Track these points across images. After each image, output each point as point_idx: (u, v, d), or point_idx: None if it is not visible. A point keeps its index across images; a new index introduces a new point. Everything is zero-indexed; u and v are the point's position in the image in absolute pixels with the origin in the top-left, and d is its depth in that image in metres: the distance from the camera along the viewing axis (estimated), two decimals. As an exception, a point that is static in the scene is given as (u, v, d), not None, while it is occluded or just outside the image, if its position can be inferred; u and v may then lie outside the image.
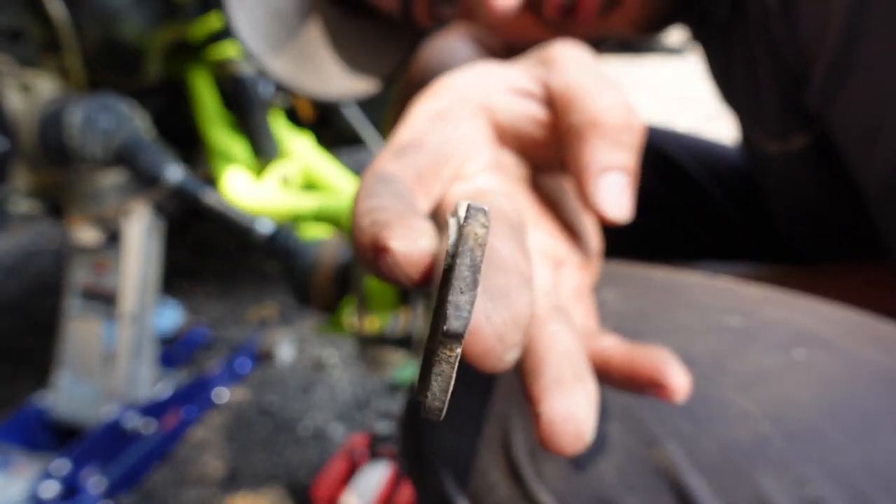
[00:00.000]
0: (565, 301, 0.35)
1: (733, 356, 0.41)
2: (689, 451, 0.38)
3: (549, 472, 0.40)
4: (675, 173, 0.86)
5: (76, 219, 1.08)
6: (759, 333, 0.42)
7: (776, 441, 0.37)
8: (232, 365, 1.48)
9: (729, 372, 0.40)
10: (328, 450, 1.34)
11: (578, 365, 0.28)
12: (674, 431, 0.38)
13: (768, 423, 0.38)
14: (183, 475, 1.27)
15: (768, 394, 0.39)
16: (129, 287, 1.19)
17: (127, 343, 1.21)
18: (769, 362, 0.40)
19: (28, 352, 1.75)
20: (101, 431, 1.15)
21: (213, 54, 1.14)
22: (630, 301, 0.45)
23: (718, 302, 0.45)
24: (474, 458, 0.44)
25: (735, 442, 0.38)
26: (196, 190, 0.98)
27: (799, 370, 0.40)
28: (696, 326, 0.42)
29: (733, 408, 0.38)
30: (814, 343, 0.41)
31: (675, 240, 0.83)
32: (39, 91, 1.03)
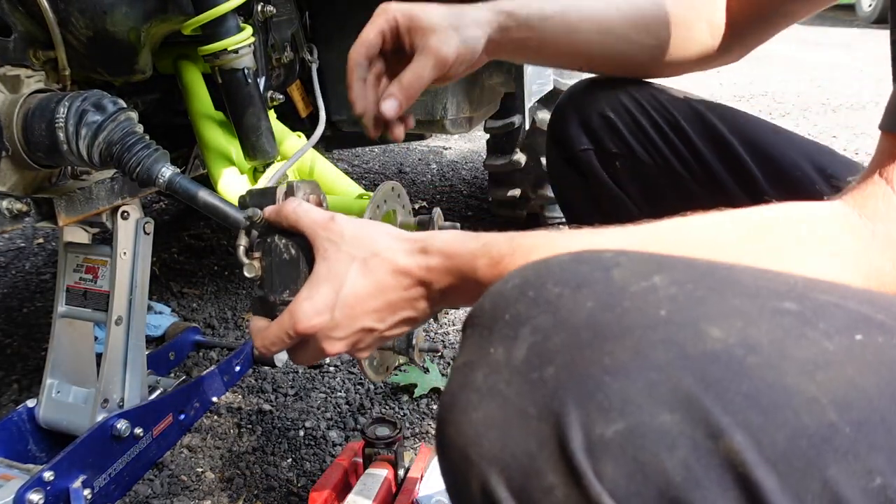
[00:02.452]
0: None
1: (795, 340, 0.39)
2: (757, 443, 0.36)
3: (610, 472, 0.38)
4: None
5: (66, 219, 1.06)
6: (817, 318, 0.41)
7: (844, 429, 0.36)
8: (226, 369, 1.45)
9: (792, 357, 0.39)
10: (325, 456, 1.31)
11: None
12: (741, 422, 0.37)
13: (835, 411, 0.37)
14: (175, 483, 1.24)
15: (833, 379, 0.38)
16: (120, 289, 1.16)
17: (117, 346, 1.18)
18: (831, 346, 0.39)
19: (16, 355, 1.72)
20: (91, 438, 1.12)
21: (207, 48, 1.11)
22: (681, 287, 0.43)
23: (770, 286, 0.43)
24: (527, 458, 0.41)
25: (803, 431, 0.36)
26: (189, 189, 0.95)
27: (861, 355, 0.39)
28: (753, 311, 0.41)
29: (800, 395, 0.37)
30: (872, 328, 0.40)
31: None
32: (25, 87, 1.00)
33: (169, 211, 2.75)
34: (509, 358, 0.43)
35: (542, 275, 0.46)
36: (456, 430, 0.44)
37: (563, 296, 0.44)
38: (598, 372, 0.40)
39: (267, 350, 0.70)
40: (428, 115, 1.65)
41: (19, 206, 1.01)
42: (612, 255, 0.47)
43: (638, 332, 0.41)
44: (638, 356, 0.40)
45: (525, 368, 0.42)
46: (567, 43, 0.93)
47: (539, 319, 0.44)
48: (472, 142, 3.69)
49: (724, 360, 0.39)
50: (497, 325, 0.45)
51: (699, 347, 0.39)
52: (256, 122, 1.18)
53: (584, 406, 0.39)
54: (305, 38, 1.55)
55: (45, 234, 2.57)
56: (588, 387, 0.40)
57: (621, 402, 0.39)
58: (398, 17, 0.83)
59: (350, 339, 0.67)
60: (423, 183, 3.08)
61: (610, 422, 0.38)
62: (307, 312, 0.65)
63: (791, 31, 1.13)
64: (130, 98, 1.31)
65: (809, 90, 4.94)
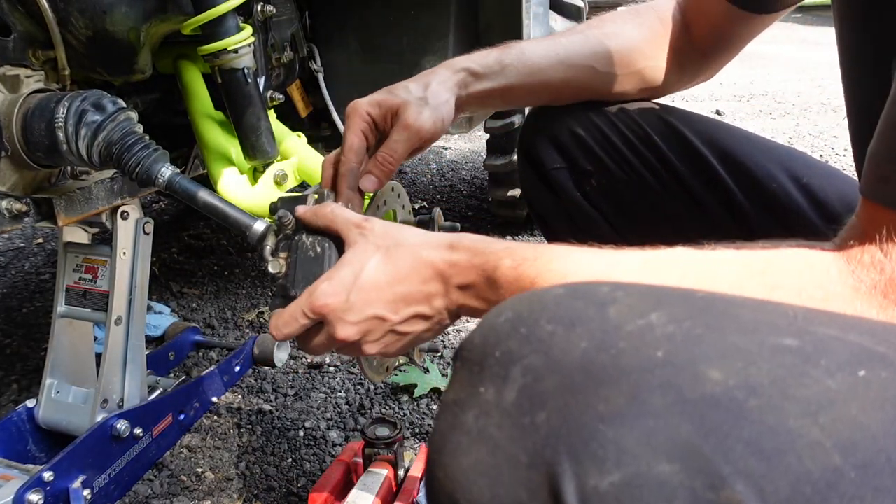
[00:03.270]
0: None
1: (796, 379, 0.38)
2: (759, 491, 0.35)
3: None
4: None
5: (66, 219, 1.05)
6: (818, 354, 0.39)
7: (849, 474, 0.35)
8: (226, 369, 1.45)
9: (794, 398, 0.37)
10: (325, 457, 1.31)
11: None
12: (743, 470, 0.35)
13: (839, 454, 0.35)
14: (175, 483, 1.24)
15: (837, 420, 0.36)
16: (119, 289, 1.16)
17: (117, 346, 1.17)
18: (833, 385, 0.38)
19: (16, 355, 1.72)
20: (90, 438, 1.11)
21: (207, 47, 1.11)
22: (678, 324, 0.41)
23: (769, 321, 0.42)
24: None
25: (807, 477, 0.35)
26: (189, 189, 0.95)
27: (865, 391, 0.37)
28: (753, 349, 0.40)
29: (802, 438, 0.36)
30: (874, 362, 0.39)
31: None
32: (25, 87, 1.00)
33: (169, 211, 2.75)
34: (500, 399, 0.42)
35: (535, 310, 0.45)
36: (445, 474, 0.43)
37: (556, 334, 0.42)
38: (592, 419, 0.38)
39: (279, 332, 0.71)
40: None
41: (19, 205, 1.01)
42: (609, 289, 0.45)
43: (634, 376, 0.39)
44: (634, 402, 0.38)
45: (516, 412, 0.41)
46: (532, 83, 0.95)
47: (531, 359, 0.42)
48: (472, 142, 3.69)
49: (724, 405, 0.37)
50: (487, 362, 0.44)
51: (698, 391, 0.38)
52: (256, 122, 1.18)
53: (578, 456, 0.38)
54: (305, 38, 1.55)
55: (44, 234, 2.57)
56: (582, 435, 0.38)
57: (617, 451, 0.37)
58: (369, 110, 0.86)
59: (361, 326, 0.67)
60: (423, 183, 3.08)
61: (605, 473, 0.37)
62: (324, 290, 0.67)
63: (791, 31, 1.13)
64: (130, 98, 1.31)
65: (809, 90, 4.94)
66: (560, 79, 0.97)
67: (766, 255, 0.54)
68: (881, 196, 0.52)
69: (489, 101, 0.97)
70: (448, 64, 0.93)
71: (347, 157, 0.85)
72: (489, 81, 0.93)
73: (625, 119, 0.99)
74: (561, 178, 1.03)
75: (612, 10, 1.07)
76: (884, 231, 0.50)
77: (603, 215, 1.03)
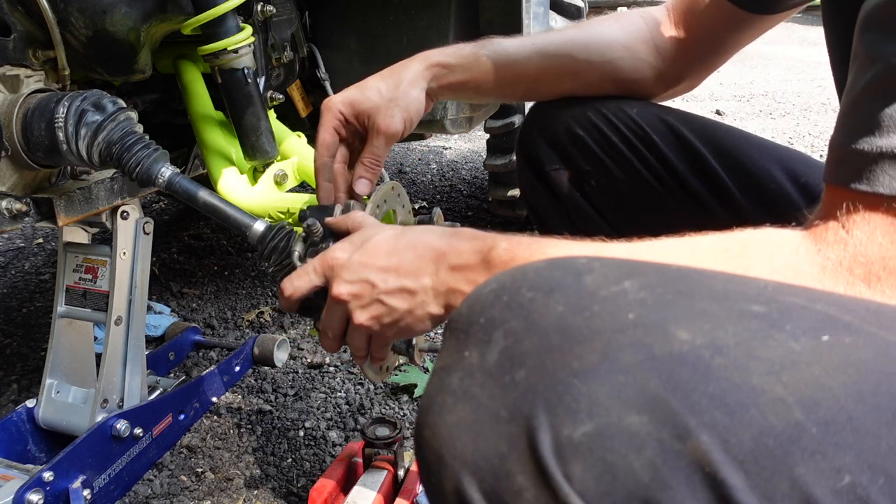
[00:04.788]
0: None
1: (761, 342, 0.40)
2: (724, 442, 0.37)
3: (579, 473, 0.38)
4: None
5: (66, 219, 1.05)
6: (784, 319, 0.41)
7: (810, 429, 0.37)
8: (225, 369, 1.45)
9: (758, 358, 0.39)
10: (325, 456, 1.31)
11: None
12: (708, 422, 0.37)
13: (801, 410, 0.37)
14: (175, 483, 1.24)
15: (799, 379, 0.38)
16: (119, 289, 1.15)
17: (117, 346, 1.17)
18: (797, 347, 0.40)
19: (16, 355, 1.72)
20: (90, 438, 1.11)
21: (207, 47, 1.11)
22: (650, 290, 0.44)
23: (738, 289, 0.44)
24: (498, 460, 0.41)
25: (770, 430, 0.37)
26: (189, 189, 0.95)
27: (827, 355, 0.39)
28: (721, 314, 0.42)
29: (766, 394, 0.38)
30: (839, 328, 0.41)
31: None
32: (25, 87, 1.00)
33: (168, 211, 2.75)
34: (482, 361, 0.45)
35: (517, 280, 0.47)
36: (431, 432, 0.45)
37: (535, 300, 0.45)
38: (566, 375, 0.41)
39: (291, 285, 0.77)
40: (427, 114, 1.64)
41: (19, 205, 1.01)
42: (587, 261, 0.48)
43: (606, 335, 0.41)
44: (606, 359, 0.40)
45: (497, 371, 0.43)
46: (506, 74, 0.98)
47: (511, 323, 0.45)
48: (472, 142, 3.69)
49: (690, 362, 0.39)
50: (472, 329, 0.47)
51: (666, 349, 0.40)
52: (256, 122, 1.18)
53: (553, 408, 0.40)
54: (305, 38, 1.55)
55: (44, 234, 2.57)
56: (557, 389, 0.41)
57: (589, 404, 0.39)
58: (341, 108, 0.92)
59: (353, 287, 0.72)
60: (423, 183, 3.08)
61: (578, 424, 0.39)
62: (334, 248, 0.75)
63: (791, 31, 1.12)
64: (130, 98, 1.31)
65: (809, 90, 4.94)
66: (535, 67, 0.98)
67: (740, 238, 0.56)
68: (838, 177, 0.54)
69: (462, 92, 1.00)
70: (422, 56, 0.96)
71: (320, 152, 0.92)
72: (462, 73, 0.96)
73: (624, 119, 0.99)
74: (559, 178, 1.04)
75: (612, 10, 1.07)
76: (843, 208, 0.52)
77: (602, 215, 1.03)
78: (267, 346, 1.48)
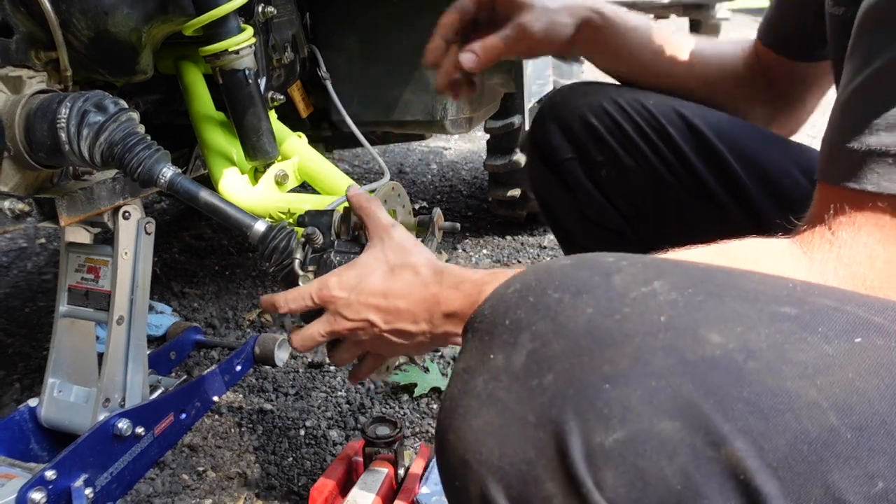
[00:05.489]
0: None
1: (794, 345, 0.39)
2: (758, 449, 0.36)
3: (610, 481, 0.38)
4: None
5: (68, 219, 1.06)
6: (816, 322, 0.40)
7: (845, 433, 0.36)
8: (227, 368, 1.45)
9: (792, 361, 0.38)
10: (326, 455, 1.31)
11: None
12: (742, 428, 0.37)
13: (835, 415, 0.36)
14: (176, 482, 1.24)
15: (833, 383, 0.37)
16: (121, 288, 1.16)
17: (119, 346, 1.18)
18: (830, 350, 0.39)
19: (18, 355, 1.72)
20: (92, 437, 1.12)
21: (208, 48, 1.11)
22: (681, 291, 0.43)
23: (769, 291, 0.43)
24: (525, 466, 0.40)
25: (804, 435, 0.36)
26: (190, 189, 0.96)
27: (861, 357, 0.39)
28: (752, 316, 0.41)
29: (800, 399, 0.37)
30: (871, 330, 0.40)
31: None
32: (27, 88, 1.01)
33: (170, 211, 2.76)
34: (509, 364, 0.43)
35: (542, 280, 0.46)
36: (456, 436, 0.44)
37: (562, 301, 0.44)
38: (597, 379, 0.40)
39: (286, 303, 0.79)
40: (428, 115, 1.65)
41: (21, 206, 1.01)
42: (614, 259, 0.46)
43: (637, 339, 0.40)
44: (638, 363, 0.39)
45: (524, 375, 0.42)
46: (640, 47, 0.98)
47: (539, 325, 0.43)
48: (472, 142, 3.69)
49: (723, 366, 0.38)
50: (497, 331, 0.45)
51: (699, 353, 0.39)
52: (257, 123, 1.19)
53: (584, 414, 0.39)
54: (306, 39, 1.55)
55: (46, 234, 2.58)
56: (587, 394, 0.40)
57: (621, 409, 0.38)
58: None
59: (353, 324, 0.74)
60: (423, 183, 3.08)
61: (609, 430, 0.38)
62: (332, 283, 0.75)
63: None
64: (132, 98, 1.32)
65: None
66: (662, 48, 0.99)
67: (726, 249, 0.56)
68: (828, 175, 0.54)
69: (603, 49, 0.98)
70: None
71: (451, 11, 0.90)
72: (610, 30, 0.95)
73: (639, 109, 0.98)
74: (572, 168, 1.03)
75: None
76: (831, 209, 0.52)
77: (615, 206, 1.02)
78: (268, 346, 1.49)
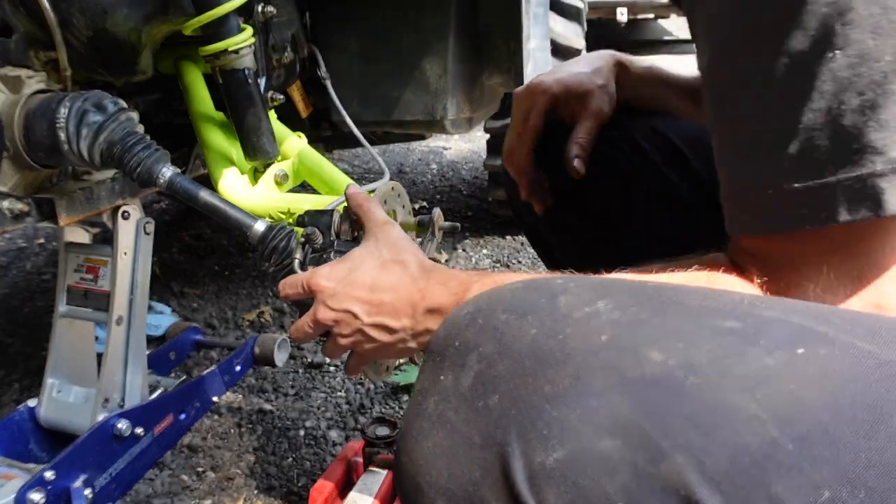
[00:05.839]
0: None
1: (735, 359, 0.40)
2: (699, 463, 0.36)
3: (552, 499, 0.38)
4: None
5: (67, 219, 1.06)
6: (759, 334, 0.41)
7: (786, 445, 0.36)
8: (226, 368, 1.45)
9: (732, 375, 0.39)
10: (325, 456, 1.31)
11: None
12: (682, 443, 0.37)
13: (776, 426, 0.37)
14: (176, 483, 1.24)
15: (774, 395, 0.38)
16: (120, 289, 1.16)
17: (118, 346, 1.18)
18: (772, 362, 0.39)
19: (18, 355, 1.72)
20: (92, 437, 1.11)
21: (208, 48, 1.11)
22: (624, 310, 0.43)
23: (713, 306, 0.44)
24: (472, 487, 0.41)
25: (745, 448, 0.36)
26: (189, 189, 0.96)
27: (802, 368, 0.39)
28: (694, 331, 0.41)
29: (740, 412, 0.37)
30: (814, 340, 0.40)
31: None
32: (26, 88, 1.00)
33: (169, 211, 2.76)
34: (457, 385, 0.44)
35: (493, 302, 0.47)
36: (409, 458, 0.45)
37: (508, 323, 0.45)
38: (539, 400, 0.40)
39: (283, 290, 0.81)
40: (428, 115, 1.65)
41: (20, 206, 1.01)
42: (563, 281, 0.47)
43: (578, 359, 0.41)
44: (578, 383, 0.40)
45: (471, 396, 0.43)
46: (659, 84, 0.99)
47: (485, 347, 0.44)
48: (472, 142, 3.69)
49: (663, 383, 0.39)
50: (448, 352, 0.46)
51: (639, 371, 0.40)
52: (257, 123, 1.19)
53: (526, 434, 0.40)
54: (306, 39, 1.55)
55: (46, 234, 2.57)
56: (529, 415, 0.40)
57: (561, 429, 0.39)
58: (555, 89, 0.91)
59: (337, 315, 0.75)
60: (423, 183, 3.08)
61: (550, 450, 0.39)
62: (323, 273, 0.77)
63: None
64: (131, 98, 1.31)
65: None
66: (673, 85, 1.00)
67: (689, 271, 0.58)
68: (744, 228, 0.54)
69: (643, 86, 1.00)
70: (607, 52, 0.97)
71: (527, 137, 0.93)
72: (635, 76, 0.97)
73: (612, 129, 0.98)
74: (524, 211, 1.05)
75: (611, 11, 1.07)
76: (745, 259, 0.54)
77: (588, 217, 1.02)
78: (267, 346, 1.48)
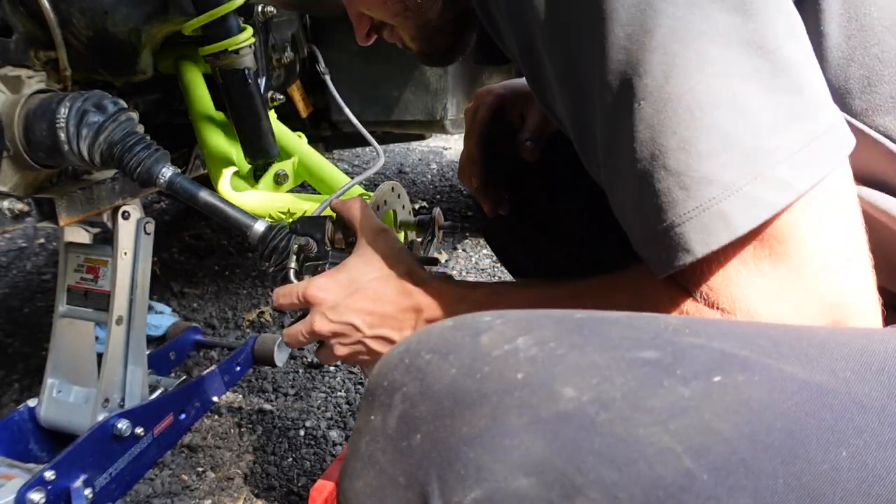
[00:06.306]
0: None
1: (649, 391, 0.40)
2: (612, 498, 0.36)
3: None
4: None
5: (67, 219, 1.06)
6: (676, 364, 0.41)
7: (701, 475, 0.36)
8: (226, 368, 1.45)
9: (646, 408, 0.39)
10: (325, 456, 1.31)
11: None
12: (595, 480, 0.37)
13: (690, 458, 0.37)
14: (176, 483, 1.24)
15: (688, 426, 0.38)
16: (120, 289, 1.16)
17: (118, 346, 1.18)
18: (687, 392, 0.39)
19: (18, 355, 1.72)
20: (92, 437, 1.11)
21: (208, 48, 1.11)
22: (542, 346, 0.43)
23: (634, 336, 0.44)
24: None
25: (659, 481, 0.36)
26: (189, 189, 0.96)
27: (718, 397, 0.39)
28: (611, 365, 0.41)
29: (652, 446, 0.37)
30: (733, 366, 0.40)
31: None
32: (26, 88, 1.00)
33: (169, 211, 2.76)
34: (385, 426, 0.45)
35: (421, 341, 0.48)
36: (344, 497, 0.47)
37: (431, 363, 0.45)
38: (456, 441, 0.41)
39: (277, 300, 0.80)
40: (428, 115, 1.65)
41: (20, 206, 1.01)
42: (491, 318, 0.48)
43: (494, 399, 0.41)
44: (494, 423, 0.41)
45: (396, 436, 0.44)
46: None
47: (409, 387, 0.45)
48: (472, 142, 3.69)
49: (576, 421, 0.39)
50: (377, 392, 0.47)
51: (552, 409, 0.40)
52: (257, 123, 1.19)
53: (444, 475, 0.41)
54: (306, 39, 1.55)
55: (46, 234, 2.57)
56: (448, 456, 0.41)
57: (477, 469, 0.39)
58: (501, 91, 0.93)
59: (336, 326, 0.74)
60: (423, 183, 3.08)
61: (467, 489, 0.39)
62: (321, 284, 0.76)
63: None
64: (131, 98, 1.31)
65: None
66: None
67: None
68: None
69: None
70: None
71: (477, 138, 0.94)
72: None
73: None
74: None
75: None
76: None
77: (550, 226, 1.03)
78: (267, 346, 1.48)
